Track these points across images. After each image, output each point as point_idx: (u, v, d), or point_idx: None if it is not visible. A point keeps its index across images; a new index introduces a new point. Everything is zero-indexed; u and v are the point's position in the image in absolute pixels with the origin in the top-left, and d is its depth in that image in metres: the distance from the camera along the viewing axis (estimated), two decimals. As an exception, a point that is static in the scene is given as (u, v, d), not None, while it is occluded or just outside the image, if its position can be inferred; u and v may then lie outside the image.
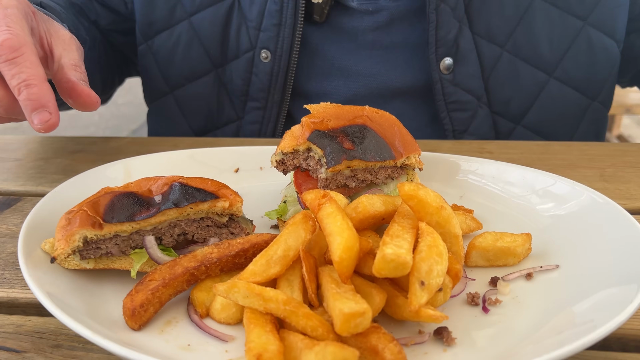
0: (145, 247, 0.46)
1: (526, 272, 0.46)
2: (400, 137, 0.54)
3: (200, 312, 0.44)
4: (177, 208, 0.46)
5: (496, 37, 0.79)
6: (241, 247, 0.45)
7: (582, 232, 0.48)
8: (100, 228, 0.44)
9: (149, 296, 0.42)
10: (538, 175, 0.55)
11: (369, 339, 0.37)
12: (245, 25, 0.81)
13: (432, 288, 0.40)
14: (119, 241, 0.45)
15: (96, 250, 0.45)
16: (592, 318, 0.38)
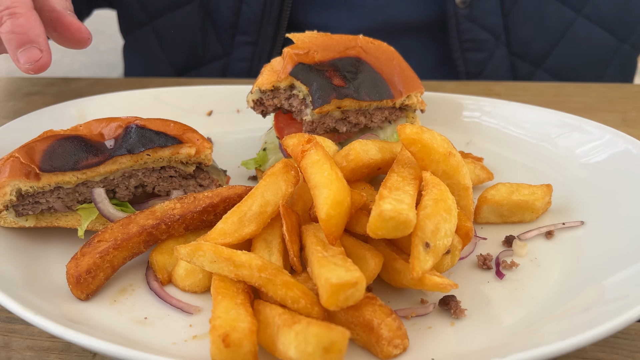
0: (94, 202, 0.38)
1: (546, 229, 0.40)
2: (399, 72, 0.46)
3: (161, 279, 0.37)
4: (132, 155, 0.39)
5: None
6: (209, 202, 0.38)
7: (612, 184, 0.41)
8: (37, 179, 0.36)
9: (97, 260, 0.35)
10: (559, 117, 0.48)
11: (362, 313, 0.30)
12: None
13: (439, 250, 0.33)
14: (63, 194, 0.38)
15: (35, 205, 0.37)
16: (627, 293, 0.32)
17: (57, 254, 0.39)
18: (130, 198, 0.40)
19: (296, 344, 0.27)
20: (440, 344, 0.32)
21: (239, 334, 0.28)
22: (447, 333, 0.32)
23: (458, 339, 0.32)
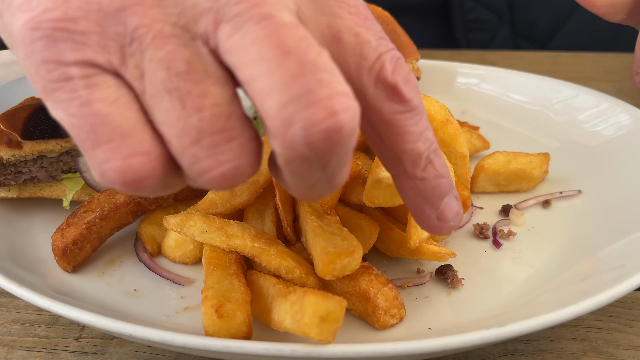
0: (80, 171, 0.37)
1: (543, 198, 0.39)
2: (395, 37, 0.45)
3: (151, 250, 0.36)
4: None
5: None
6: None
7: (611, 152, 0.41)
8: (18, 147, 0.35)
9: (83, 231, 0.34)
10: (556, 86, 0.47)
11: (359, 283, 0.29)
12: None
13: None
14: (46, 163, 0.36)
15: (17, 175, 0.36)
16: (623, 263, 0.31)
17: (42, 225, 0.38)
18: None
19: (292, 314, 0.26)
20: (437, 314, 0.31)
21: (232, 305, 0.27)
22: (444, 303, 0.32)
23: (455, 308, 0.31)
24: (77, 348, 0.32)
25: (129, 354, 0.32)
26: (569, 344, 0.31)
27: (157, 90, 0.21)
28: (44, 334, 0.33)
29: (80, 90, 0.21)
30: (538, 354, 0.31)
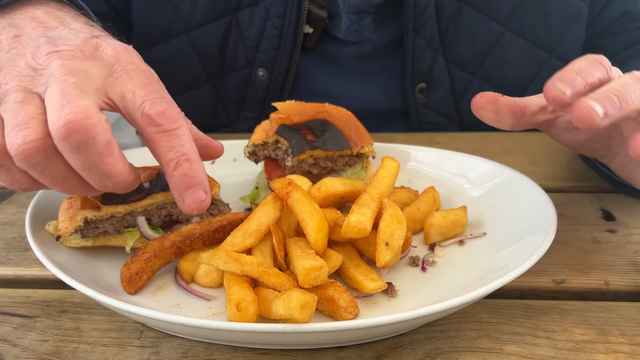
0: (137, 226, 0.53)
1: (459, 239, 0.56)
2: (355, 129, 0.63)
3: (186, 279, 0.51)
4: (164, 192, 0.54)
5: (468, 65, 0.86)
6: (220, 224, 0.53)
7: (503, 203, 0.58)
8: (98, 209, 0.51)
9: (142, 265, 0.50)
10: (470, 159, 0.65)
11: (327, 291, 0.45)
12: (242, 44, 0.85)
13: (395, 248, 0.48)
14: (115, 221, 0.53)
15: (95, 229, 0.52)
16: (507, 264, 0.48)
17: (109, 265, 0.53)
18: (161, 224, 0.55)
19: (283, 305, 0.42)
20: (380, 312, 0.47)
21: (246, 303, 0.43)
22: (385, 305, 0.47)
23: (392, 308, 0.47)
24: (139, 344, 0.47)
25: (175, 346, 0.47)
26: (470, 332, 0.47)
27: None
28: (115, 335, 0.48)
29: None
30: (448, 338, 0.46)
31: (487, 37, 0.85)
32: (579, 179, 0.71)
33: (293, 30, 0.82)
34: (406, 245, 0.52)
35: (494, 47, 0.86)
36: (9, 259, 0.59)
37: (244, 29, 0.84)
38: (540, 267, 0.54)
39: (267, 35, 0.84)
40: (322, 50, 0.87)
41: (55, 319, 0.50)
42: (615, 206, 0.64)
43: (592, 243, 0.58)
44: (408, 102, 0.88)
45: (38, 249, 0.50)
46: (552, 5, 0.84)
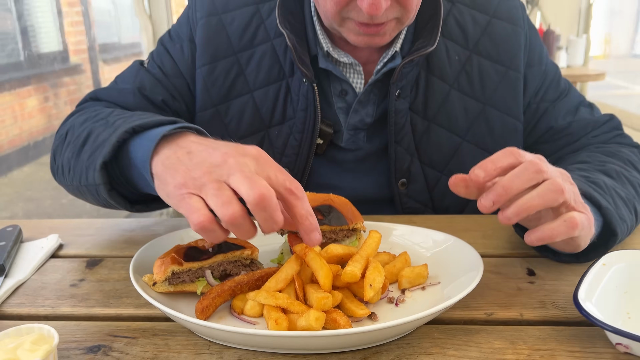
0: (205, 277, 0.79)
1: (421, 286, 0.81)
2: (352, 211, 0.90)
3: (238, 311, 0.76)
4: (223, 254, 0.80)
5: (436, 165, 1.10)
6: (260, 275, 0.79)
7: (451, 260, 0.83)
8: (181, 265, 0.77)
9: (210, 302, 0.75)
10: (431, 233, 0.91)
11: (331, 314, 0.70)
12: (272, 151, 1.07)
13: (376, 289, 0.73)
14: (190, 273, 0.79)
15: (177, 279, 0.78)
16: (449, 295, 0.73)
17: (185, 302, 0.78)
18: (219, 276, 0.81)
19: (305, 319, 0.65)
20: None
21: (281, 319, 0.66)
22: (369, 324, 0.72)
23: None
24: (209, 352, 0.70)
25: (232, 354, 0.70)
26: (425, 343, 0.70)
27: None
28: (192, 348, 0.71)
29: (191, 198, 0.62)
30: (411, 347, 0.69)
31: (450, 146, 1.12)
32: (514, 247, 0.97)
33: (309, 142, 1.03)
34: (384, 289, 0.77)
35: (455, 152, 1.13)
36: (110, 303, 0.83)
37: (273, 141, 1.05)
38: (477, 304, 0.78)
39: (290, 145, 1.05)
40: (329, 155, 1.09)
41: (150, 339, 0.74)
42: (537, 266, 0.90)
43: (515, 290, 0.83)
44: (393, 192, 1.12)
45: (142, 290, 0.75)
46: (496, 123, 1.13)
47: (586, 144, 1.13)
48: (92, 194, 0.81)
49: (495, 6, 1.11)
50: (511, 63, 1.10)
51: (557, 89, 1.16)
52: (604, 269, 0.76)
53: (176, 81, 1.03)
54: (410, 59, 1.01)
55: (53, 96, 5.28)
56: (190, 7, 1.05)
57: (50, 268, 0.96)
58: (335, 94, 1.09)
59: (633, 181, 0.91)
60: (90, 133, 0.79)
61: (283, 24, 0.95)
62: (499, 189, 0.65)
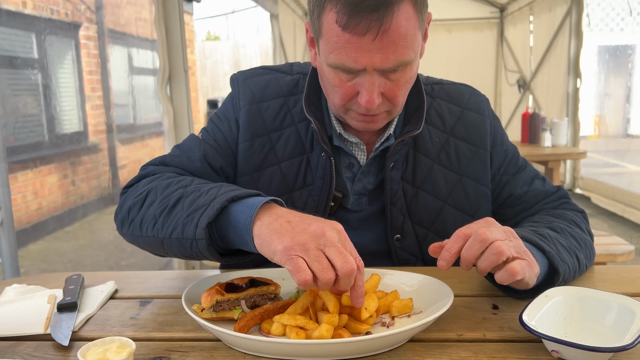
0: (240, 306, 1.03)
1: (407, 314, 1.04)
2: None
3: (266, 332, 0.99)
4: (254, 288, 1.04)
5: (424, 224, 1.29)
6: (282, 304, 1.02)
7: (431, 295, 1.07)
8: (223, 295, 1.01)
9: (245, 323, 0.98)
10: (415, 275, 1.15)
11: (337, 331, 0.93)
12: (292, 207, 1.19)
13: (370, 311, 0.96)
14: (229, 302, 1.02)
15: (220, 307, 1.01)
16: (427, 320, 0.96)
17: (224, 326, 1.01)
18: (251, 306, 1.04)
19: (318, 330, 0.88)
20: (365, 344, 0.93)
21: (301, 333, 0.89)
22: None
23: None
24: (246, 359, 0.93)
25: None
26: (409, 353, 0.93)
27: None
28: (231, 359, 0.94)
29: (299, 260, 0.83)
30: (397, 356, 0.92)
31: (435, 208, 1.33)
32: (484, 290, 1.20)
33: (324, 203, 1.21)
34: (378, 314, 1.01)
35: (439, 214, 1.38)
36: (164, 329, 1.05)
37: (295, 202, 1.21)
38: (450, 328, 1.01)
39: (308, 205, 1.21)
40: (338, 215, 1.25)
41: (199, 352, 0.95)
42: (501, 303, 1.13)
43: (481, 318, 1.05)
44: (389, 246, 1.25)
45: (195, 315, 0.99)
46: (471, 190, 1.39)
47: (539, 209, 1.39)
48: (181, 246, 0.97)
49: (466, 101, 1.41)
50: (480, 144, 1.38)
51: (516, 164, 1.41)
52: (545, 299, 1.00)
53: (227, 151, 1.23)
54: (401, 139, 1.27)
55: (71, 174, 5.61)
56: (234, 95, 1.27)
57: (111, 306, 1.19)
58: (344, 165, 1.24)
59: (575, 235, 1.16)
60: (182, 196, 0.97)
61: (309, 113, 1.20)
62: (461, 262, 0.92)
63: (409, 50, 0.99)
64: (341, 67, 1.01)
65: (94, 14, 5.50)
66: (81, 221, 5.30)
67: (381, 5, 0.92)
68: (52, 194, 5.06)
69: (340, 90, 1.06)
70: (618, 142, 8.62)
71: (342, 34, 0.96)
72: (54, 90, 5.02)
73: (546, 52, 7.71)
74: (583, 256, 1.11)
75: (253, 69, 1.30)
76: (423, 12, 1.00)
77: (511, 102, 9.42)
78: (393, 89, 1.05)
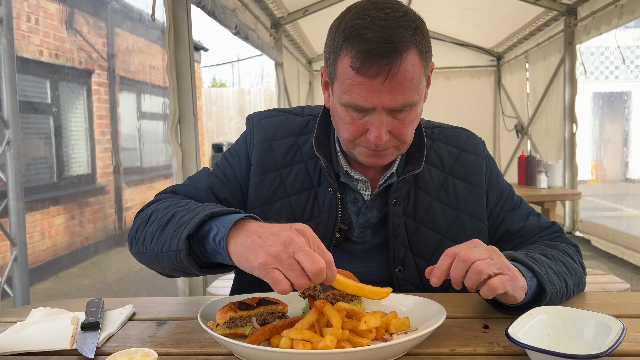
0: (252, 322, 1.12)
1: (405, 332, 1.13)
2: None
3: (274, 346, 1.08)
4: (264, 307, 1.14)
5: (424, 256, 1.31)
6: (290, 321, 1.11)
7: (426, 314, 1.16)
8: (236, 312, 1.11)
9: (256, 337, 1.07)
10: (409, 297, 1.25)
11: (340, 343, 1.02)
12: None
13: (369, 325, 1.04)
14: (242, 319, 1.11)
15: (233, 323, 1.11)
16: (423, 333, 1.05)
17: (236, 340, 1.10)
18: (260, 323, 1.14)
19: (322, 342, 0.98)
20: (365, 356, 1.03)
21: (307, 345, 0.99)
22: (367, 353, 1.04)
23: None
24: (256, 371, 1.02)
25: (272, 372, 1.01)
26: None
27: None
28: (244, 368, 1.03)
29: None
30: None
31: (434, 242, 1.32)
32: (476, 312, 1.29)
33: (330, 235, 1.28)
34: (379, 334, 1.10)
35: (439, 247, 1.38)
36: (181, 345, 1.14)
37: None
38: (444, 344, 1.10)
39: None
40: (343, 247, 1.31)
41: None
42: (491, 323, 1.22)
43: (472, 336, 1.14)
44: (392, 277, 1.29)
45: (210, 330, 1.08)
46: (467, 225, 1.47)
47: (534, 242, 1.49)
48: (170, 259, 1.03)
49: (463, 143, 1.40)
50: (476, 182, 1.37)
51: (511, 202, 1.50)
52: (530, 316, 1.09)
53: (234, 185, 1.32)
54: (403, 177, 1.27)
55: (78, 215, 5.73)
56: (248, 134, 1.37)
57: (130, 326, 1.28)
58: (349, 200, 1.31)
59: (565, 263, 1.25)
60: (174, 215, 1.06)
61: (318, 151, 1.30)
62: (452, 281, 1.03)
63: (414, 92, 1.10)
64: (353, 105, 1.12)
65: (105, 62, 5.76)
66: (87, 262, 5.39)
67: (391, 52, 1.04)
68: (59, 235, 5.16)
69: (351, 127, 1.16)
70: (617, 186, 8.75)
71: (356, 77, 1.08)
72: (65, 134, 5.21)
73: (542, 99, 7.96)
74: (572, 283, 1.19)
75: (268, 110, 1.41)
76: (427, 60, 1.11)
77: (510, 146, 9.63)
78: (399, 127, 1.15)
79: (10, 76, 2.61)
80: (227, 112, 12.28)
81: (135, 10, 5.59)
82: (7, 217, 2.85)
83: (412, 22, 1.10)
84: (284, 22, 6.39)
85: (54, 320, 1.29)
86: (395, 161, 1.35)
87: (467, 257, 0.96)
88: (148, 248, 1.13)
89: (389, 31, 1.05)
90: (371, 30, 1.05)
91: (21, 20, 3.75)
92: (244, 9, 5.39)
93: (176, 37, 3.55)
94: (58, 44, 4.83)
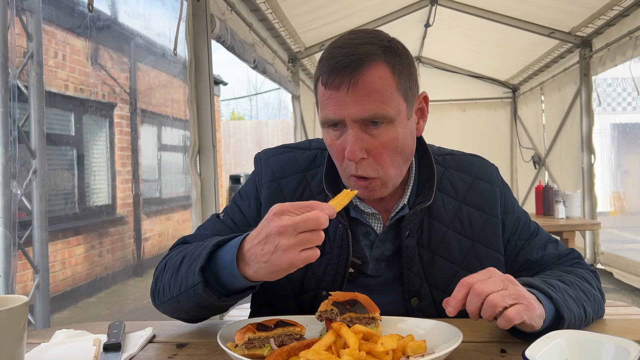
0: (270, 344, 1.14)
1: (421, 354, 1.14)
2: (371, 305, 1.25)
3: (291, 367, 1.10)
4: (282, 328, 1.16)
5: (440, 287, 1.29)
6: (307, 343, 1.13)
7: (442, 338, 1.17)
8: (254, 333, 1.13)
9: (273, 359, 1.09)
10: (426, 321, 1.26)
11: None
12: (313, 277, 1.32)
13: (386, 347, 1.06)
14: (260, 340, 1.13)
15: (251, 344, 1.13)
16: (439, 354, 1.05)
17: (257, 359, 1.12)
18: (278, 344, 1.15)
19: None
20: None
21: None
22: (384, 374, 1.04)
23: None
24: (273, 391, 1.03)
25: (289, 392, 1.02)
26: (423, 388, 1.02)
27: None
28: (262, 389, 1.04)
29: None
30: (414, 390, 1.02)
31: (450, 272, 1.30)
32: (493, 337, 1.29)
33: (343, 271, 1.27)
34: (398, 356, 1.11)
35: (454, 277, 1.31)
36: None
37: (315, 270, 1.29)
38: (461, 367, 1.11)
39: (327, 273, 1.28)
40: (358, 281, 1.31)
41: (232, 385, 1.07)
42: (509, 347, 1.22)
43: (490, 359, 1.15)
44: (407, 309, 1.28)
45: (229, 350, 1.10)
46: (483, 255, 1.46)
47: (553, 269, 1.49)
48: (189, 297, 1.07)
49: (476, 170, 1.38)
50: (491, 211, 1.34)
51: (528, 230, 1.39)
52: (547, 340, 1.09)
53: (243, 229, 1.31)
54: (414, 210, 1.27)
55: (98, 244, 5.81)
56: (256, 174, 1.39)
57: (150, 348, 1.31)
58: (361, 234, 1.30)
59: (584, 289, 1.25)
60: (185, 256, 1.10)
61: (328, 189, 1.30)
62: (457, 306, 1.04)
63: (384, 105, 1.10)
64: (326, 121, 1.14)
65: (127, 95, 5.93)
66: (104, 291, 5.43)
67: (352, 62, 1.08)
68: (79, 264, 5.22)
69: (333, 149, 1.18)
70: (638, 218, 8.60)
71: (325, 92, 1.12)
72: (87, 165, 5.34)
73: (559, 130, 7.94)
74: (590, 309, 1.17)
75: (275, 148, 1.43)
76: (403, 79, 1.13)
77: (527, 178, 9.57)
78: (377, 147, 1.14)
79: (39, 109, 2.72)
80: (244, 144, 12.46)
81: (158, 46, 5.78)
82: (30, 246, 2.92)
83: (384, 41, 1.13)
84: (301, 56, 6.52)
85: (77, 342, 1.32)
86: (406, 192, 1.36)
87: (480, 291, 0.98)
88: (168, 294, 1.17)
89: (354, 47, 1.10)
90: (340, 49, 1.10)
91: (49, 55, 3.91)
92: (262, 44, 5.53)
93: (197, 71, 3.67)
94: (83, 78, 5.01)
